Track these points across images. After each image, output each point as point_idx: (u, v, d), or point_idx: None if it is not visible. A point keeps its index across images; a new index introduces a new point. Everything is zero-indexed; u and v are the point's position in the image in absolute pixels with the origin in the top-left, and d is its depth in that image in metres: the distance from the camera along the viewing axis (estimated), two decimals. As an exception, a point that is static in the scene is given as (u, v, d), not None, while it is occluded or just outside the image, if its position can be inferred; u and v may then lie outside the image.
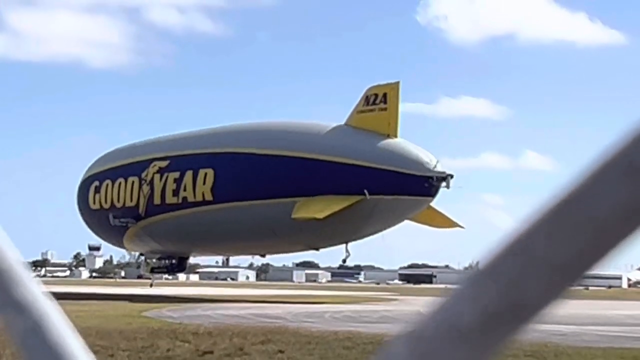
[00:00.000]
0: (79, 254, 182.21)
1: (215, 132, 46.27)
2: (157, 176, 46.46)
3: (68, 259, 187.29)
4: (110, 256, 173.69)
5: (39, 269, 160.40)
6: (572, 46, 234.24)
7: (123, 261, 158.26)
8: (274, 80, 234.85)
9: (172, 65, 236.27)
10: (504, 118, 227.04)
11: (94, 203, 50.44)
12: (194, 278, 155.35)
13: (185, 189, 44.82)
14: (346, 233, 40.78)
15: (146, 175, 46.95)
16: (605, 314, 35.61)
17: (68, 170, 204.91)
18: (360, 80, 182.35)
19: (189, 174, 44.57)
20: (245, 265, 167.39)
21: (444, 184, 39.65)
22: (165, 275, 71.95)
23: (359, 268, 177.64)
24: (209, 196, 43.70)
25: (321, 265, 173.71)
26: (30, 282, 0.90)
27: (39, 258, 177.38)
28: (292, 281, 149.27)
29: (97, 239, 56.59)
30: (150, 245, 48.85)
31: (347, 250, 42.17)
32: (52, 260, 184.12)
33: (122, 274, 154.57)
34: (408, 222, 42.99)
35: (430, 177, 39.13)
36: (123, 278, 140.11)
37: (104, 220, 48.98)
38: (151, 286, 58.91)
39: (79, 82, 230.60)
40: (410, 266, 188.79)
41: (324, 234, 40.81)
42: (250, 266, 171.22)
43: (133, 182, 47.79)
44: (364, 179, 38.85)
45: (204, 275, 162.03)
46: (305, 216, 38.48)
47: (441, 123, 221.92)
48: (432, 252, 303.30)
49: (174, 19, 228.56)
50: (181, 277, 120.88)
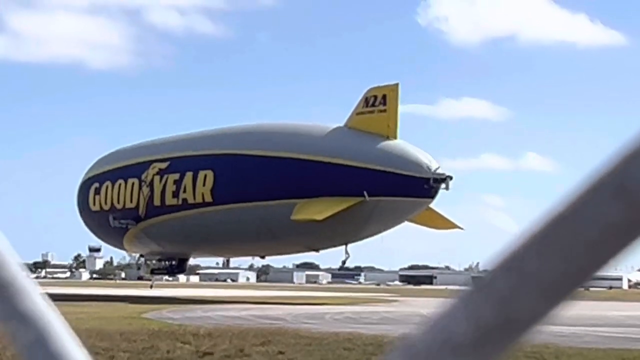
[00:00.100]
0: (79, 255, 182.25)
1: (215, 134, 46.27)
2: (157, 178, 46.46)
3: (68, 261, 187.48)
4: (111, 257, 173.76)
5: (39, 270, 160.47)
6: (573, 47, 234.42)
7: (123, 262, 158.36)
8: (274, 82, 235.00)
9: (172, 67, 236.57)
10: (505, 119, 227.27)
11: (94, 204, 50.45)
12: (194, 279, 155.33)
13: (185, 191, 44.83)
14: (346, 234, 40.76)
15: (146, 176, 46.96)
16: (605, 315, 35.59)
17: (68, 171, 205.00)
18: (361, 82, 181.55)
19: (189, 176, 44.58)
20: (246, 267, 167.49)
21: (443, 185, 39.65)
22: (165, 277, 71.91)
23: (359, 269, 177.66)
24: (208, 198, 43.70)
25: (321, 267, 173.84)
26: (34, 293, 0.91)
27: (39, 259, 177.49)
28: (293, 282, 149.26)
29: (97, 240, 56.60)
30: (150, 247, 48.85)
31: (347, 252, 42.17)
32: (53, 262, 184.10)
33: (123, 275, 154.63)
34: (408, 224, 43.01)
35: (429, 179, 39.12)
36: (123, 279, 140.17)
37: (104, 222, 49.01)
38: (151, 287, 58.94)
39: (79, 84, 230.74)
40: (411, 267, 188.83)
41: (324, 236, 40.79)
42: (251, 267, 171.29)
43: (133, 184, 47.79)
44: (364, 181, 38.84)
45: (204, 277, 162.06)
46: (305, 218, 38.47)
47: (441, 124, 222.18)
48: (433, 254, 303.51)
49: (174, 21, 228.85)
50: (181, 279, 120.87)
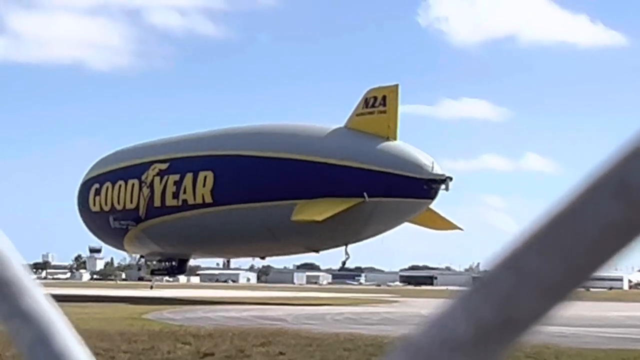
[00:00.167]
0: (79, 256, 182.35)
1: (215, 135, 46.28)
2: (157, 179, 46.47)
3: (69, 261, 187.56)
4: (111, 258, 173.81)
5: (39, 271, 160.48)
6: (573, 48, 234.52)
7: (124, 263, 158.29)
8: (275, 83, 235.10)
9: (173, 68, 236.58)
10: (505, 120, 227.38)
11: (94, 205, 50.45)
12: (195, 280, 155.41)
13: (185, 192, 44.83)
14: (346, 235, 40.76)
15: (146, 177, 46.97)
16: (606, 316, 35.59)
17: (69, 172, 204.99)
18: (361, 82, 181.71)
19: (189, 177, 44.59)
20: (246, 267, 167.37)
21: (443, 186, 39.66)
22: (165, 278, 71.96)
23: (359, 270, 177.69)
24: (208, 199, 43.71)
25: (322, 267, 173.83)
26: (36, 291, 0.91)
27: (39, 260, 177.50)
28: (293, 283, 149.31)
29: (98, 241, 56.63)
30: (150, 248, 48.86)
31: (347, 253, 42.18)
32: (53, 263, 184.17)
33: (123, 276, 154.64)
34: (408, 224, 43.01)
35: (429, 180, 39.14)
36: (124, 280, 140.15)
37: (104, 223, 49.02)
38: (151, 288, 58.97)
39: (80, 85, 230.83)
40: (411, 268, 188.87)
41: (324, 237, 40.80)
42: (251, 268, 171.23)
43: (133, 185, 47.80)
44: (364, 182, 38.85)
45: (204, 277, 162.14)
46: (305, 218, 38.48)
47: (442, 125, 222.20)
48: (433, 254, 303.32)
49: (175, 22, 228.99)
50: (182, 279, 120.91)
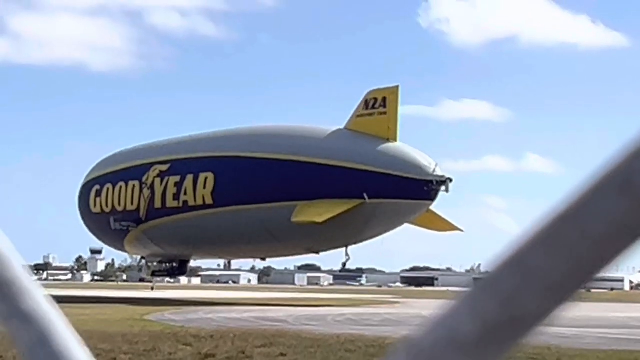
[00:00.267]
0: (80, 257, 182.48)
1: (216, 136, 46.30)
2: (158, 180, 46.47)
3: (70, 263, 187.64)
4: (112, 259, 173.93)
5: (41, 272, 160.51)
6: (574, 48, 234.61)
7: (125, 264, 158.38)
8: (275, 84, 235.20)
9: (174, 69, 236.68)
10: (506, 120, 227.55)
11: (95, 207, 50.44)
12: (196, 281, 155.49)
13: (185, 193, 44.84)
14: (346, 237, 40.76)
15: (147, 179, 46.97)
16: (607, 317, 35.58)
17: (70, 173, 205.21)
18: (362, 83, 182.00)
19: (190, 178, 44.59)
20: (247, 269, 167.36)
21: (443, 187, 39.65)
22: (166, 279, 71.98)
23: (360, 271, 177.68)
24: (209, 200, 43.71)
25: (323, 268, 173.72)
26: (36, 292, 0.91)
27: (40, 262, 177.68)
28: (294, 284, 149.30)
29: (99, 242, 56.61)
30: (151, 249, 48.85)
31: (347, 254, 42.20)
32: (54, 264, 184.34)
33: (124, 277, 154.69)
34: (409, 225, 42.99)
35: (429, 181, 39.12)
36: (125, 281, 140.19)
37: (105, 224, 49.02)
38: (152, 289, 58.97)
39: (81, 86, 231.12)
40: (412, 269, 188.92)
41: (324, 238, 40.80)
42: (252, 269, 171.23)
43: (134, 186, 47.80)
44: (364, 183, 38.85)
45: (205, 279, 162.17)
46: (305, 220, 38.49)
47: (443, 125, 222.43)
48: (434, 255, 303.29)
49: (176, 23, 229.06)
50: (183, 280, 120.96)
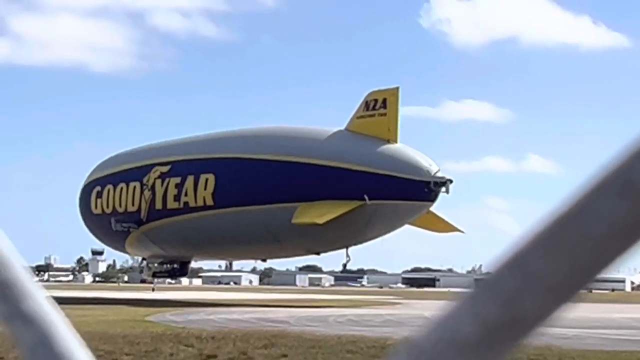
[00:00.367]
0: (82, 258, 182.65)
1: (216, 138, 46.33)
2: (159, 181, 46.49)
3: (71, 264, 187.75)
4: (114, 261, 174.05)
5: (42, 273, 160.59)
6: (576, 49, 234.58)
7: (126, 265, 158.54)
8: (276, 85, 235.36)
9: (175, 70, 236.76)
10: (507, 121, 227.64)
11: (96, 208, 50.46)
12: (197, 282, 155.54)
13: (186, 194, 44.85)
14: (346, 238, 40.78)
15: (148, 180, 46.98)
16: (609, 317, 35.56)
17: (71, 174, 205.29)
18: (363, 84, 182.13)
19: (190, 179, 44.61)
20: (248, 270, 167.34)
21: (443, 188, 39.66)
22: (168, 280, 72.02)
23: (362, 272, 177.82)
24: (210, 201, 43.73)
25: (324, 269, 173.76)
26: (38, 294, 0.90)
27: (42, 263, 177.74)
28: (295, 285, 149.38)
29: (100, 243, 56.63)
30: (152, 250, 48.87)
31: (348, 255, 42.25)
32: (56, 265, 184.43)
33: (125, 278, 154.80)
34: (409, 226, 43.00)
35: (429, 182, 39.15)
36: (126, 282, 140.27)
37: (106, 225, 49.02)
38: (153, 290, 59.05)
39: (82, 87, 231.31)
40: (414, 270, 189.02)
41: (325, 239, 40.82)
42: (253, 270, 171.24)
43: (135, 187, 47.81)
44: (364, 184, 38.87)
45: (206, 280, 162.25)
46: (306, 221, 38.50)
47: (444, 126, 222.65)
48: (435, 256, 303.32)
49: (178, 24, 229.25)
50: (184, 281, 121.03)
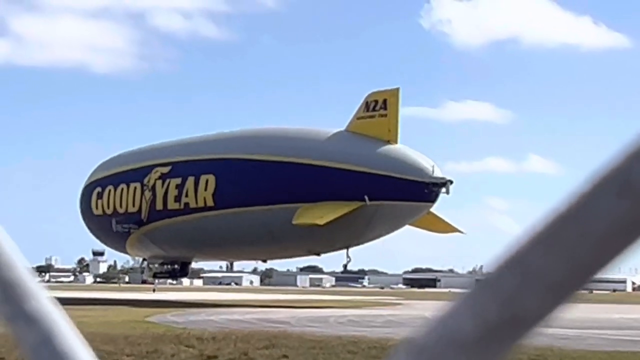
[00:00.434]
0: (83, 259, 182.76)
1: (217, 139, 46.34)
2: (159, 182, 46.50)
3: (72, 264, 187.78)
4: (114, 261, 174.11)
5: (43, 274, 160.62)
6: (577, 49, 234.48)
7: (127, 266, 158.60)
8: (277, 85, 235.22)
9: (176, 70, 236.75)
10: (508, 122, 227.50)
11: (96, 209, 50.46)
12: (198, 283, 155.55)
13: (187, 195, 44.86)
14: (347, 239, 40.80)
15: (148, 181, 46.99)
16: (609, 318, 35.57)
17: (72, 174, 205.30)
18: (364, 85, 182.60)
19: (191, 180, 44.62)
20: (249, 270, 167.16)
21: (443, 189, 39.69)
22: (169, 280, 72.02)
23: (363, 272, 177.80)
24: (210, 202, 43.73)
25: (325, 270, 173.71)
26: (40, 293, 0.91)
27: (43, 264, 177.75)
28: (296, 286, 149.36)
29: (101, 244, 56.62)
30: (152, 251, 48.87)
31: (348, 256, 42.27)
32: (56, 266, 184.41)
33: (126, 279, 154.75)
34: (410, 227, 43.01)
35: (429, 183, 39.18)
36: (127, 283, 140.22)
37: (107, 226, 49.02)
38: (154, 291, 58.99)
39: (83, 87, 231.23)
40: (414, 270, 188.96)
41: (325, 240, 40.84)
42: (254, 271, 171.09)
43: (135, 188, 47.81)
44: (364, 185, 38.89)
45: (207, 280, 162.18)
46: (306, 222, 38.53)
47: (445, 127, 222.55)
48: (436, 257, 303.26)
49: (178, 24, 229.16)
50: (185, 282, 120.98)
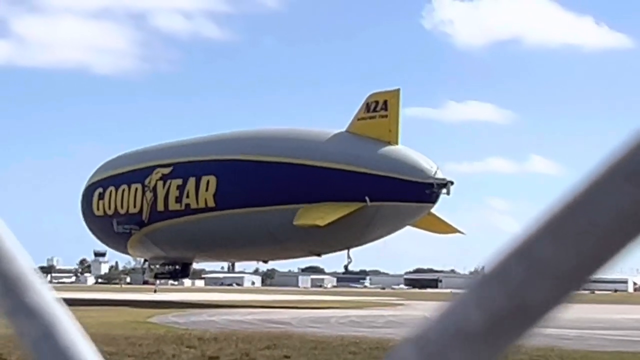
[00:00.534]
0: (84, 260, 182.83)
1: (218, 139, 46.33)
2: (160, 183, 46.50)
3: (74, 265, 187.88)
4: (116, 262, 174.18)
5: (44, 275, 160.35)
6: (578, 50, 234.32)
7: (129, 267, 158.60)
8: (278, 86, 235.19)
9: (178, 71, 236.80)
10: (510, 122, 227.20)
11: (97, 209, 50.47)
12: (200, 283, 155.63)
13: (188, 196, 44.86)
14: (348, 239, 40.81)
15: (149, 182, 46.99)
16: (611, 318, 35.56)
17: (73, 175, 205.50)
18: (365, 85, 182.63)
19: (192, 181, 44.62)
20: (251, 271, 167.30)
21: (444, 190, 39.68)
22: (170, 281, 72.03)
23: (364, 273, 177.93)
24: (211, 203, 43.73)
25: (327, 271, 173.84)
26: (41, 288, 0.91)
27: (44, 264, 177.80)
28: (298, 286, 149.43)
29: (103, 245, 56.62)
30: (153, 252, 48.88)
31: (349, 256, 42.28)
32: (58, 267, 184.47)
33: (128, 279, 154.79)
34: (410, 228, 43.02)
35: (430, 184, 39.17)
36: (129, 284, 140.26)
37: (108, 227, 49.00)
38: (155, 292, 59.02)
39: (85, 88, 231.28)
40: (416, 271, 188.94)
41: (326, 241, 40.84)
42: (256, 272, 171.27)
43: (136, 189, 47.82)
44: (365, 186, 38.89)
45: (209, 281, 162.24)
46: (307, 223, 38.54)
47: (447, 127, 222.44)
48: (438, 257, 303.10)
49: (180, 25, 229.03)
50: (187, 283, 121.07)
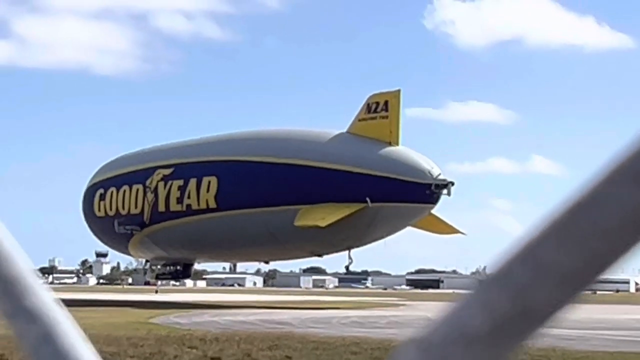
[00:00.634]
0: (86, 260, 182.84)
1: (219, 140, 46.36)
2: (162, 184, 46.54)
3: (75, 266, 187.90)
4: (118, 263, 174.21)
5: (46, 275, 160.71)
6: (580, 50, 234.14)
7: (130, 268, 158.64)
8: (280, 87, 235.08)
9: (179, 72, 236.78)
10: (511, 122, 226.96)
11: (99, 210, 50.51)
12: (201, 284, 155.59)
13: (189, 197, 44.90)
14: (349, 240, 40.84)
15: (150, 182, 47.04)
16: (613, 318, 35.53)
17: (74, 176, 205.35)
18: (367, 86, 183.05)
19: (193, 182, 44.66)
20: (252, 272, 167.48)
21: (445, 191, 39.68)
22: (172, 282, 72.10)
23: (366, 274, 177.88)
24: (212, 204, 43.77)
25: (328, 271, 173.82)
26: (41, 290, 0.91)
27: (46, 265, 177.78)
28: (299, 287, 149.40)
29: (104, 245, 56.66)
30: (155, 252, 48.92)
31: (350, 257, 42.32)
32: (60, 267, 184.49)
33: (130, 280, 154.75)
34: (411, 228, 43.02)
35: (431, 185, 39.19)
36: (130, 285, 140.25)
37: (109, 228, 49.06)
38: (156, 292, 59.09)
39: (86, 89, 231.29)
40: (418, 271, 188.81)
41: (327, 241, 40.87)
42: (257, 272, 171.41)
43: (137, 190, 47.86)
44: (366, 187, 38.92)
45: (211, 282, 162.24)
46: (308, 224, 38.56)
47: (448, 128, 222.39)
48: (439, 258, 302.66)
49: (181, 26, 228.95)
50: (188, 283, 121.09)
